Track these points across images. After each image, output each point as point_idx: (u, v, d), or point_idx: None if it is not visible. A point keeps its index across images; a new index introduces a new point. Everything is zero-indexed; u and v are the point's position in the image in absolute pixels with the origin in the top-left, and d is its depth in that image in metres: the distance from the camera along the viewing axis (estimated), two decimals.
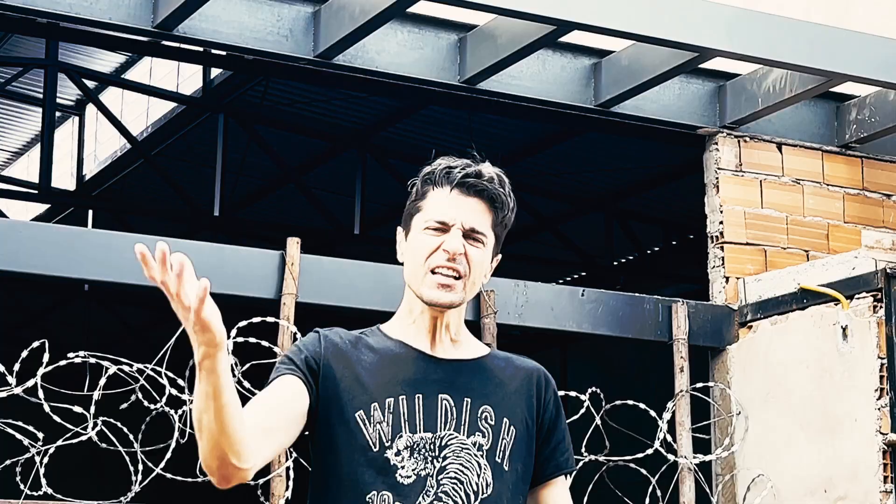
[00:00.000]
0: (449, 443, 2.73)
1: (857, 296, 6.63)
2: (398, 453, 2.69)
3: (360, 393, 2.74)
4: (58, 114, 14.03)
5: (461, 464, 2.72)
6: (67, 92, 14.35)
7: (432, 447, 2.72)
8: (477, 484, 2.72)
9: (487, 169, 2.84)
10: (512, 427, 2.79)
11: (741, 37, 6.59)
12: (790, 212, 7.53)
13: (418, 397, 2.74)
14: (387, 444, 2.70)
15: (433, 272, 2.76)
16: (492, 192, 2.81)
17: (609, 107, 7.28)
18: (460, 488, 2.71)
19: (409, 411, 2.73)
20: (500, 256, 2.92)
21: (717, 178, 7.43)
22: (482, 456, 2.74)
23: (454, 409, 2.75)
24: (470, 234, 2.78)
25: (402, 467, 2.69)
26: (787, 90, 7.12)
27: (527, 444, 2.82)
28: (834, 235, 7.60)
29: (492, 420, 2.77)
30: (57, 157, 13.23)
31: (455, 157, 2.86)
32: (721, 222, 7.36)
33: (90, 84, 13.14)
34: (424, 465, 2.70)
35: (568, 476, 2.97)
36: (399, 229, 2.89)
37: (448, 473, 2.71)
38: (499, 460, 2.75)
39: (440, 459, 2.71)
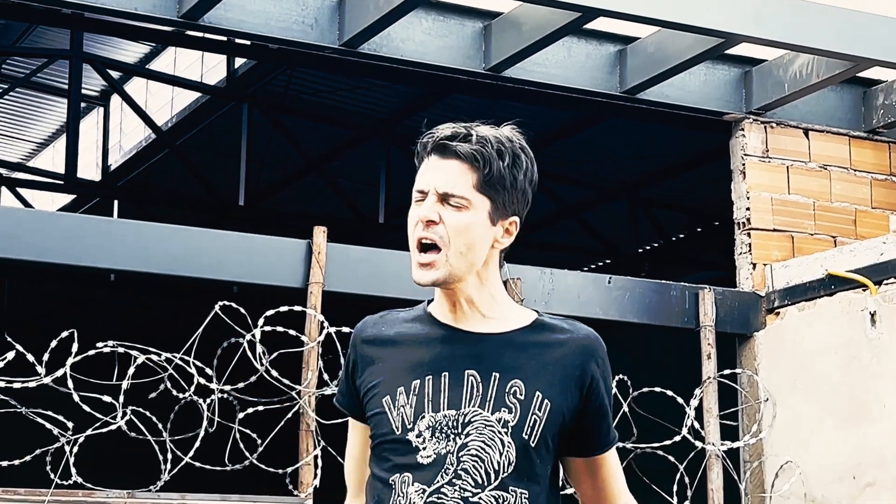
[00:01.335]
0: (472, 419, 2.66)
1: (885, 281, 6.61)
2: (419, 434, 2.65)
3: (389, 380, 2.71)
4: (83, 104, 14.07)
5: (483, 441, 2.65)
6: (92, 82, 14.39)
7: (455, 424, 2.65)
8: (498, 462, 2.65)
9: (475, 129, 2.68)
10: (546, 401, 2.68)
11: (767, 22, 6.57)
12: (817, 197, 7.50)
13: (445, 375, 2.67)
14: (409, 427, 2.66)
15: (417, 249, 2.69)
16: (467, 152, 2.64)
17: (634, 93, 7.26)
18: (480, 466, 2.65)
19: (434, 391, 2.67)
20: (515, 219, 2.73)
21: (743, 165, 7.41)
22: (507, 433, 2.65)
23: (480, 384, 2.67)
24: (446, 199, 2.66)
25: (424, 448, 2.65)
26: (813, 75, 7.09)
27: (565, 416, 2.71)
28: (861, 221, 7.57)
29: (521, 395, 2.67)
30: (82, 148, 13.28)
31: (450, 124, 2.71)
32: (748, 208, 7.34)
33: (115, 74, 13.18)
34: (446, 443, 2.64)
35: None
36: None
37: (469, 451, 2.65)
38: (525, 436, 2.66)
39: (462, 436, 2.65)
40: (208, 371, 6.01)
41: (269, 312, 6.11)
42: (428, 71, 7.03)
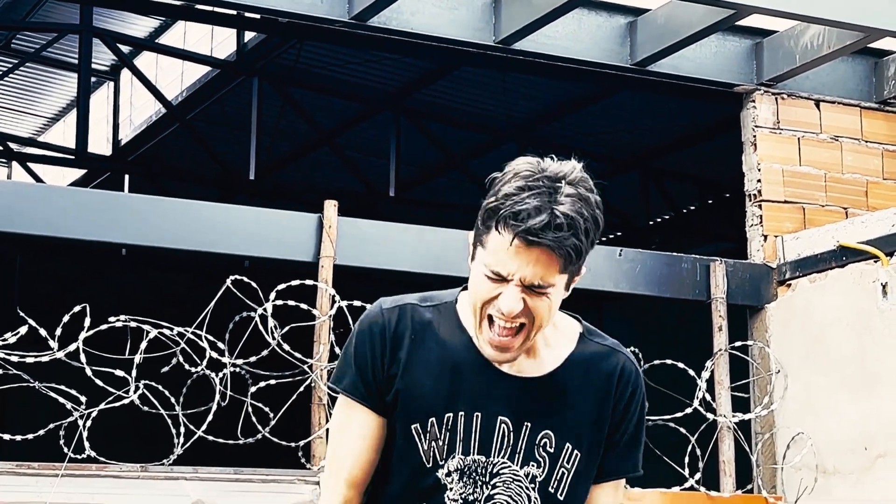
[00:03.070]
0: (500, 471, 2.61)
1: None
2: (448, 474, 2.60)
3: (419, 402, 2.62)
4: (93, 79, 14.08)
5: (510, 496, 2.62)
6: (102, 57, 14.39)
7: (483, 472, 2.61)
8: None
9: (563, 208, 2.46)
10: (575, 451, 2.64)
11: None
12: (828, 169, 7.48)
13: (477, 416, 2.61)
14: (440, 463, 2.60)
15: (490, 320, 2.54)
16: (561, 250, 2.48)
17: (645, 65, 7.24)
18: None
19: (465, 431, 2.61)
20: (584, 271, 2.62)
21: (754, 136, 7.39)
22: (534, 488, 2.62)
23: (511, 434, 2.61)
24: (530, 288, 2.50)
25: (451, 489, 2.61)
26: (824, 46, 7.06)
27: (592, 463, 2.67)
28: (873, 192, 7.55)
29: (551, 447, 2.63)
30: (93, 123, 13.29)
31: (528, 172, 2.49)
32: (759, 180, 7.33)
33: (125, 49, 13.18)
34: (473, 490, 2.61)
35: (625, 481, 2.76)
36: (470, 235, 2.59)
37: (495, 503, 2.61)
38: (552, 490, 2.63)
39: (489, 487, 2.61)
40: (220, 345, 6.03)
41: (281, 286, 6.11)
42: (438, 44, 7.02)
